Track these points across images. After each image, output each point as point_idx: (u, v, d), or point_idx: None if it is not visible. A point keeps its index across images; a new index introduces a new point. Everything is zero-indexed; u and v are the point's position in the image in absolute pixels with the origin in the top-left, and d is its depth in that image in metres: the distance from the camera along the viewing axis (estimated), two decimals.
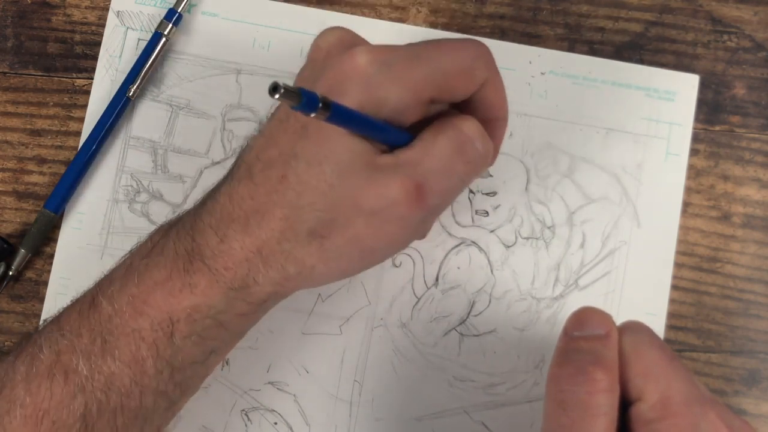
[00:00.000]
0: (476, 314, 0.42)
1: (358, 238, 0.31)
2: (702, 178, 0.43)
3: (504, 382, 0.42)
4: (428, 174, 0.31)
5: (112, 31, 0.45)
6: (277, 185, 0.31)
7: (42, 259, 0.43)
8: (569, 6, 0.44)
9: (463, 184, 0.33)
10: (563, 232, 0.42)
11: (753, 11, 0.44)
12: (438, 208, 0.33)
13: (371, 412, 0.42)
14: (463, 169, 0.32)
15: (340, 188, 0.30)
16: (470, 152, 0.32)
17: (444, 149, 0.31)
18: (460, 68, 0.31)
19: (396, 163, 0.31)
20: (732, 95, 0.43)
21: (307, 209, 0.31)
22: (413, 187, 0.30)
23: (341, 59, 0.31)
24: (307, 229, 0.31)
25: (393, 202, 0.30)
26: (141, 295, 0.32)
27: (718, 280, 0.42)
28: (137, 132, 0.44)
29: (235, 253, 0.31)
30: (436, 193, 0.31)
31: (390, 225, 0.31)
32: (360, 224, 0.31)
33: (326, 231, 0.31)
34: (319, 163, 0.30)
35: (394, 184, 0.30)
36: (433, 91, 0.31)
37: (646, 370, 0.30)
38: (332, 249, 0.31)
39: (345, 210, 0.30)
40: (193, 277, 0.31)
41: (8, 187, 0.44)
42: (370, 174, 0.30)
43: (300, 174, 0.31)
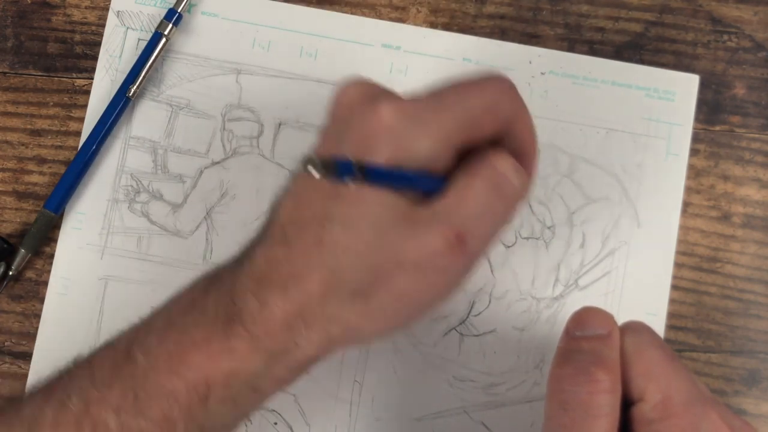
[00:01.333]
0: (476, 314, 0.42)
1: (403, 293, 0.30)
2: (702, 178, 0.43)
3: (504, 382, 0.42)
4: (467, 220, 0.30)
5: (112, 31, 0.45)
6: (312, 248, 0.30)
7: (42, 259, 0.43)
8: (569, 6, 0.44)
9: (503, 224, 0.32)
10: (563, 232, 0.42)
11: (753, 11, 0.44)
12: (480, 252, 0.32)
13: (371, 412, 0.42)
14: (502, 208, 0.31)
15: (379, 247, 0.30)
16: (507, 189, 0.31)
17: (479, 191, 0.30)
18: (486, 108, 0.31)
19: (433, 213, 0.30)
20: (732, 95, 0.43)
21: (347, 271, 0.30)
22: (453, 236, 0.30)
23: (365, 116, 0.30)
24: (350, 290, 0.30)
25: (434, 254, 0.30)
26: (178, 354, 0.31)
27: (718, 280, 0.42)
28: (137, 132, 0.44)
29: (276, 318, 0.30)
30: (477, 237, 0.30)
31: (434, 276, 0.30)
32: (403, 279, 0.30)
33: (370, 290, 0.30)
34: (354, 225, 0.30)
35: (433, 235, 0.30)
36: (462, 136, 0.30)
37: (648, 371, 0.30)
38: (377, 307, 0.30)
39: (386, 267, 0.30)
40: (232, 341, 0.30)
41: (8, 187, 0.44)
42: (408, 228, 0.30)
43: (336, 237, 0.30)
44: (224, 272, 0.33)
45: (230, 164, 0.44)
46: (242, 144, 0.44)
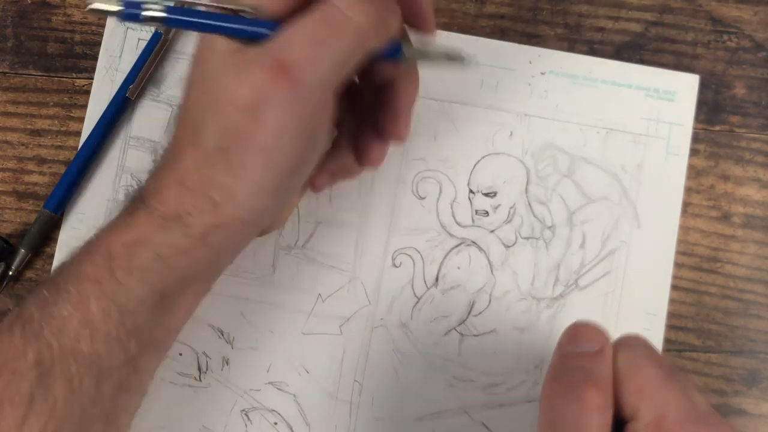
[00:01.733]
0: (476, 314, 0.42)
1: (249, 137, 0.30)
2: (702, 178, 0.43)
3: (504, 382, 0.42)
4: (290, 50, 0.30)
5: (112, 31, 0.45)
6: (183, 118, 0.32)
7: (42, 259, 0.43)
8: (569, 6, 0.44)
9: (340, 55, 0.31)
10: (563, 232, 0.42)
11: (753, 11, 0.44)
12: (318, 85, 0.30)
13: (371, 412, 0.42)
14: (336, 40, 0.30)
15: (216, 91, 0.30)
16: (341, 22, 0.30)
17: (308, 25, 0.30)
18: None
19: (261, 50, 0.30)
20: (732, 95, 0.43)
21: (202, 127, 0.31)
22: (276, 65, 0.29)
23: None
24: (211, 146, 0.31)
25: (260, 86, 0.29)
26: (91, 241, 0.33)
27: (718, 280, 0.42)
28: (137, 132, 0.44)
29: (164, 187, 0.32)
30: (305, 68, 0.29)
31: (269, 112, 0.30)
32: (244, 122, 0.30)
33: (224, 142, 0.31)
34: (201, 78, 0.31)
35: (257, 68, 0.30)
36: None
37: (641, 388, 0.29)
38: (237, 161, 0.30)
39: (227, 114, 0.30)
40: (132, 216, 0.32)
41: (8, 187, 0.44)
42: (237, 67, 0.30)
43: (190, 95, 0.32)
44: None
45: None
46: None
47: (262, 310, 0.42)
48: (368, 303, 0.42)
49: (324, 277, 0.42)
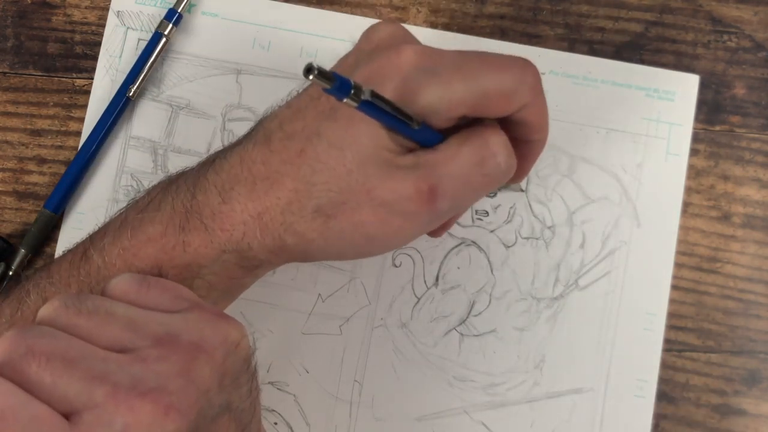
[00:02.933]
0: (476, 314, 0.42)
1: (363, 224, 0.31)
2: (702, 178, 0.43)
3: (504, 382, 0.42)
4: (444, 178, 0.31)
5: (112, 31, 0.45)
6: (294, 157, 0.31)
7: (42, 259, 0.43)
8: (569, 6, 0.44)
9: (477, 196, 0.33)
10: (563, 232, 0.42)
11: (753, 11, 0.44)
12: (447, 213, 0.33)
13: (371, 412, 0.42)
14: (480, 181, 0.32)
15: (357, 175, 0.30)
16: (491, 166, 0.31)
17: (465, 158, 0.31)
18: (502, 90, 0.31)
19: (416, 163, 0.31)
20: (732, 95, 0.43)
21: (320, 187, 0.30)
22: (426, 188, 0.30)
23: (388, 54, 0.31)
24: (315, 205, 0.31)
25: (404, 198, 0.30)
26: (132, 249, 0.31)
27: (718, 280, 0.42)
28: (137, 132, 0.44)
29: (235, 215, 0.31)
30: (448, 197, 0.31)
31: (396, 219, 0.31)
32: (367, 212, 0.31)
33: (333, 211, 0.31)
34: (341, 147, 0.30)
35: (409, 181, 0.30)
36: (469, 105, 0.31)
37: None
38: (335, 228, 0.31)
39: (356, 196, 0.30)
40: (188, 235, 0.31)
41: (8, 187, 0.44)
42: (388, 168, 0.30)
43: (320, 152, 0.30)
44: (189, 171, 0.33)
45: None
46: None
47: (262, 310, 0.42)
48: (368, 303, 0.42)
49: (324, 277, 0.42)
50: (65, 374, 0.23)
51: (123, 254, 0.31)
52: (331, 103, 0.31)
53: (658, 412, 0.41)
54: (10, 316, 0.31)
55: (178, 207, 0.31)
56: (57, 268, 0.33)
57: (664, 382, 0.41)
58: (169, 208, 0.32)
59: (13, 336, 0.24)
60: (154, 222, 0.32)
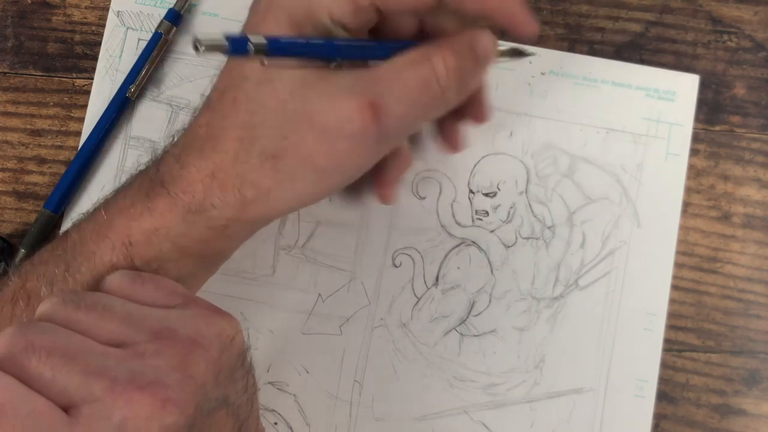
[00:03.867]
0: (476, 314, 0.42)
1: (310, 156, 0.30)
2: (702, 178, 0.43)
3: (504, 382, 0.42)
4: (387, 95, 0.30)
5: (112, 31, 0.45)
6: (230, 108, 0.31)
7: None
8: (569, 6, 0.44)
9: (422, 117, 0.33)
10: (563, 232, 0.42)
11: (753, 11, 0.44)
12: (392, 134, 0.32)
13: (371, 412, 0.42)
14: (427, 105, 0.31)
15: (292, 104, 0.30)
16: (436, 92, 0.31)
17: (408, 79, 0.30)
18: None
19: (355, 80, 0.30)
20: (732, 95, 0.43)
21: (260, 128, 0.30)
22: (368, 104, 0.29)
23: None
24: (260, 148, 0.31)
25: (345, 118, 0.30)
26: (105, 222, 0.32)
27: (718, 280, 0.42)
28: (137, 132, 0.44)
29: (192, 177, 0.31)
30: (392, 116, 0.30)
31: (342, 143, 0.30)
32: (312, 141, 0.30)
33: (279, 150, 0.30)
34: (269, 81, 0.30)
35: (348, 99, 0.30)
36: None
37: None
38: (286, 170, 0.31)
39: (297, 127, 0.30)
40: (153, 201, 0.32)
41: (8, 187, 0.44)
42: (324, 89, 0.30)
43: (250, 93, 0.30)
44: (157, 153, 0.34)
45: None
46: None
47: (262, 310, 0.42)
48: (368, 303, 0.42)
49: (324, 277, 0.42)
50: (65, 369, 0.24)
51: (97, 228, 0.32)
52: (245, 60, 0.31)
53: (658, 412, 0.41)
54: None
55: (145, 180, 0.33)
56: (39, 252, 0.34)
57: (664, 382, 0.41)
58: (137, 182, 0.33)
59: (13, 331, 0.24)
60: (126, 196, 0.33)
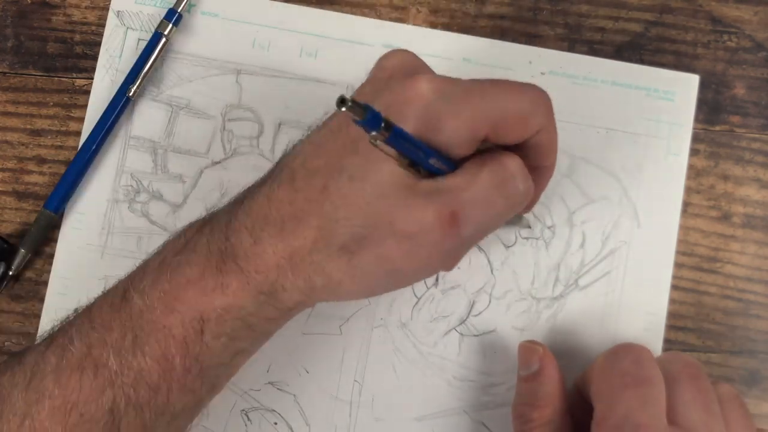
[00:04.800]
0: (476, 314, 0.42)
1: (388, 258, 0.31)
2: (702, 178, 0.43)
3: (504, 382, 0.42)
4: (465, 204, 0.31)
5: (112, 31, 0.45)
6: (317, 194, 0.31)
7: (42, 259, 0.43)
8: (569, 6, 0.44)
9: (499, 220, 0.33)
10: (563, 232, 0.42)
11: (753, 11, 0.44)
12: (471, 240, 0.33)
13: (371, 412, 0.42)
14: (502, 204, 0.32)
15: (377, 207, 0.30)
16: (511, 188, 0.32)
17: (485, 182, 0.31)
18: (519, 112, 0.31)
19: (436, 190, 0.31)
20: (732, 95, 0.43)
21: (342, 223, 0.31)
22: (449, 215, 0.30)
23: (404, 83, 0.31)
24: (340, 242, 0.31)
25: (427, 227, 0.30)
26: (173, 292, 0.32)
27: (718, 280, 0.42)
28: (137, 132, 0.44)
29: (267, 257, 0.31)
30: (471, 223, 0.31)
31: (421, 249, 0.31)
32: (391, 245, 0.31)
33: (357, 247, 0.31)
34: (361, 180, 0.30)
35: (430, 209, 0.30)
36: (488, 130, 0.31)
37: (598, 391, 0.35)
38: (360, 266, 0.31)
39: (379, 229, 0.30)
40: (225, 277, 0.31)
41: (8, 187, 0.44)
42: (408, 197, 0.30)
43: (341, 187, 0.31)
44: (221, 212, 0.34)
45: (230, 164, 0.44)
46: (242, 144, 0.44)
47: None
48: (368, 303, 0.42)
49: None
50: None
51: (164, 297, 0.32)
52: (353, 136, 0.31)
53: None
54: (55, 365, 0.31)
55: (214, 249, 0.32)
56: (98, 312, 0.33)
57: None
58: (205, 250, 0.32)
59: None
60: (192, 264, 0.32)
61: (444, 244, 0.31)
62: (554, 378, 0.37)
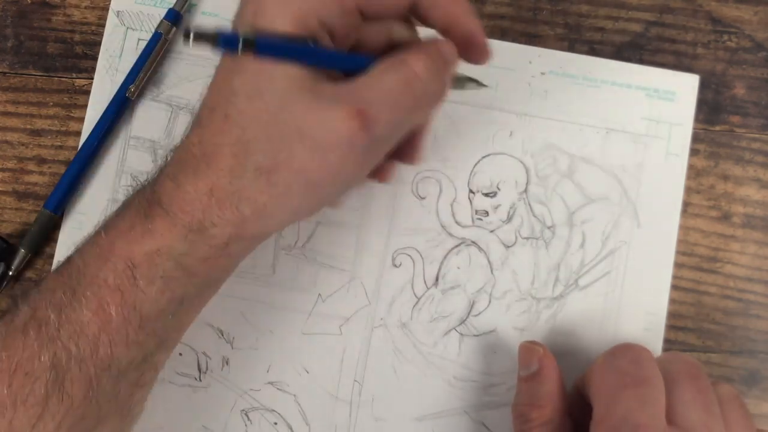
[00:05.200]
0: (476, 314, 0.42)
1: (303, 169, 0.31)
2: (702, 178, 0.43)
3: (504, 382, 0.42)
4: (372, 102, 0.30)
5: (112, 31, 0.45)
6: (222, 125, 0.31)
7: (42, 259, 0.43)
8: (569, 6, 0.44)
9: (410, 120, 0.33)
10: (563, 232, 0.42)
11: (753, 11, 0.44)
12: (384, 140, 0.32)
13: (371, 412, 0.42)
14: (410, 102, 0.31)
15: (282, 117, 0.30)
16: (418, 89, 0.31)
17: (390, 83, 0.31)
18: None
19: (339, 90, 0.30)
20: (732, 95, 0.43)
21: (253, 143, 0.31)
22: (356, 113, 0.30)
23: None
24: (254, 164, 0.31)
25: (335, 128, 0.30)
26: (106, 245, 0.32)
27: (718, 280, 0.42)
28: (137, 132, 0.44)
29: (189, 196, 0.31)
30: (380, 122, 0.30)
31: (333, 154, 0.30)
32: (303, 154, 0.30)
33: (272, 164, 0.31)
34: (259, 95, 0.30)
35: (336, 109, 0.30)
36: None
37: (597, 392, 0.35)
38: (279, 183, 0.31)
39: (288, 140, 0.30)
40: (152, 222, 0.32)
41: (8, 187, 0.44)
42: (312, 101, 0.30)
43: (241, 109, 0.31)
44: (151, 173, 0.34)
45: None
46: None
47: (262, 310, 0.42)
48: (368, 303, 0.42)
49: (324, 277, 0.42)
50: None
51: (99, 251, 0.32)
52: (237, 65, 0.31)
53: None
54: (3, 332, 0.32)
55: (142, 201, 0.33)
56: (45, 280, 0.34)
57: None
58: (135, 204, 0.33)
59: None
60: (124, 218, 0.33)
61: (355, 144, 0.30)
62: (553, 378, 0.38)
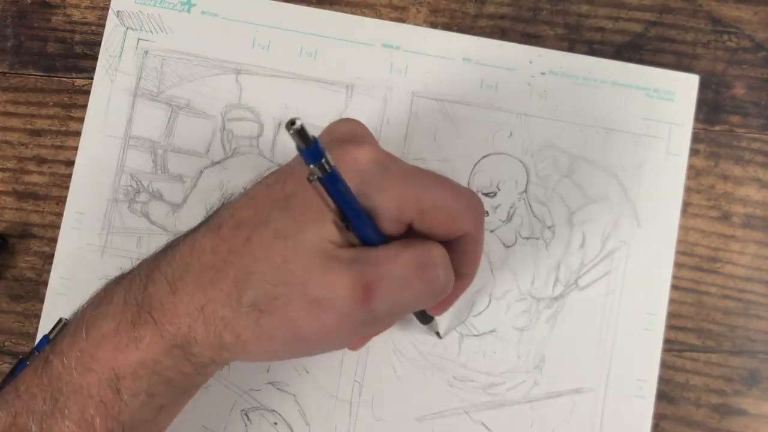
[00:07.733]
0: (476, 314, 0.42)
1: (295, 322, 0.30)
2: (702, 178, 0.43)
3: (504, 382, 0.42)
4: (382, 278, 0.30)
5: (112, 31, 0.45)
6: (240, 246, 0.30)
7: (42, 259, 0.43)
8: (569, 6, 0.44)
9: (414, 304, 0.32)
10: (563, 232, 0.42)
11: (753, 11, 0.44)
12: (382, 319, 0.31)
13: (371, 412, 0.42)
14: (419, 288, 0.31)
15: (294, 266, 0.30)
16: (431, 274, 0.31)
17: (406, 261, 0.30)
18: (449, 208, 0.31)
19: (355, 259, 0.30)
20: (732, 95, 0.43)
21: (257, 277, 0.30)
22: (362, 286, 0.29)
23: (346, 149, 0.31)
24: (251, 299, 0.30)
25: (338, 294, 0.29)
26: (89, 350, 0.31)
27: (718, 280, 0.42)
28: (137, 132, 0.44)
29: (182, 307, 0.30)
30: (385, 299, 0.30)
31: (328, 317, 0.30)
32: (300, 308, 0.30)
33: (267, 306, 0.30)
34: (285, 237, 0.30)
35: (345, 276, 0.29)
36: (416, 215, 0.31)
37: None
38: (267, 327, 0.30)
39: (290, 290, 0.30)
40: (139, 330, 0.31)
41: (8, 187, 0.44)
42: (326, 261, 0.30)
43: (264, 241, 0.30)
44: (143, 262, 0.33)
45: (230, 164, 0.44)
46: (242, 144, 0.44)
47: None
48: None
49: None
50: None
51: (81, 357, 0.31)
52: (287, 192, 0.31)
53: (658, 412, 0.41)
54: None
55: (130, 300, 0.31)
56: (23, 379, 0.32)
57: (664, 382, 0.41)
58: (122, 301, 0.31)
59: None
60: (107, 318, 0.31)
61: (354, 315, 0.30)
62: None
